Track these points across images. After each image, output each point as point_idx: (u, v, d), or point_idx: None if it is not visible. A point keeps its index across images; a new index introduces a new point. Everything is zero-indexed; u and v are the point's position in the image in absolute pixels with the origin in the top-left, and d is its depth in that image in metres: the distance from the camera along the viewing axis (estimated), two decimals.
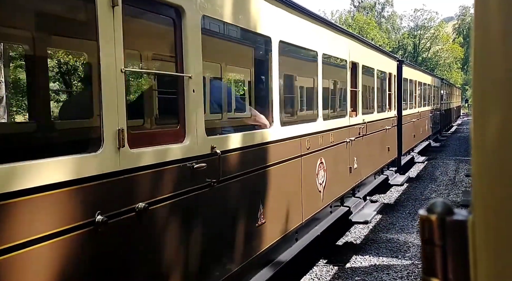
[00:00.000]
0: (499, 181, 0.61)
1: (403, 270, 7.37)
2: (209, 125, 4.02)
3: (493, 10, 0.62)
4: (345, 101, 8.26)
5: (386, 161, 11.81)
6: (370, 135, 9.50)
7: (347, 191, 8.16)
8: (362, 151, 8.84)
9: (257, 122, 4.97)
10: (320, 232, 6.58)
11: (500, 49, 0.61)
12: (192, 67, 3.46)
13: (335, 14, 78.82)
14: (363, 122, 8.89)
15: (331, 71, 8.03)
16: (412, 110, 16.51)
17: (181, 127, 3.46)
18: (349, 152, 8.02)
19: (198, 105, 3.56)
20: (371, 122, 9.67)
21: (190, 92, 3.44)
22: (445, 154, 22.07)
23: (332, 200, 7.16)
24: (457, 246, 0.68)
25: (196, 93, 3.50)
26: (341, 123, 7.72)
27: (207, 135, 3.67)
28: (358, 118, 8.73)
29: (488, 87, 0.63)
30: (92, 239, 2.59)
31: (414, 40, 77.30)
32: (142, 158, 3.00)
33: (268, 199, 4.89)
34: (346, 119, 8.03)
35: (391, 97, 12.67)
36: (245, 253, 4.42)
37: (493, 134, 0.62)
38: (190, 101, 3.44)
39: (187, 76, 3.44)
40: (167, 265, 3.32)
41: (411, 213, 10.74)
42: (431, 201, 0.73)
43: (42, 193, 2.30)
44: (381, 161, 11.17)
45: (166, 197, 3.23)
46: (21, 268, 2.23)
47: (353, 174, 8.26)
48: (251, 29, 4.69)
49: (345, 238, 8.99)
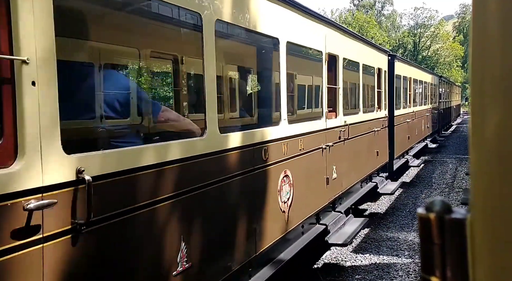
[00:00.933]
0: (498, 179, 0.61)
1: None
2: None
3: (491, 8, 0.62)
4: (320, 100, 6.92)
5: (374, 167, 10.48)
6: (353, 139, 8.21)
7: (324, 206, 6.86)
8: (343, 158, 7.64)
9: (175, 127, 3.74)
10: (285, 261, 5.35)
11: (498, 46, 0.61)
12: None
13: (335, 13, 78.11)
14: (344, 124, 7.66)
15: (300, 64, 6.88)
16: (406, 110, 15.13)
17: None
18: (326, 160, 6.80)
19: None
20: (355, 124, 8.37)
21: None
22: (443, 155, 21.19)
23: (301, 221, 5.89)
24: (456, 245, 0.68)
25: None
26: (314, 126, 6.44)
27: None
28: (338, 120, 7.49)
29: (486, 85, 0.63)
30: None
31: (414, 39, 76.84)
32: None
33: (197, 234, 3.66)
34: (322, 121, 6.74)
35: (381, 95, 11.23)
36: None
37: (491, 132, 0.62)
38: None
39: None
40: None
41: (403, 226, 10.53)
42: (429, 200, 0.73)
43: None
44: (368, 167, 9.86)
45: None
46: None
47: (331, 186, 7.00)
48: None
49: None
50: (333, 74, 7.46)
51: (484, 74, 0.63)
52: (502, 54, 0.61)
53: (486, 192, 0.63)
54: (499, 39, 0.61)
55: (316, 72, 7.09)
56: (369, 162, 9.88)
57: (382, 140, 11.18)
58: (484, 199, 0.63)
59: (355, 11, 74.38)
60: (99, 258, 2.72)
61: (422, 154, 19.65)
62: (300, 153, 5.75)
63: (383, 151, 11.32)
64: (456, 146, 24.52)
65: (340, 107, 7.63)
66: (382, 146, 11.09)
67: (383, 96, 11.43)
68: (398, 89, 13.67)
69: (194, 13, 3.66)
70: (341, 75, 7.65)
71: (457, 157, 20.28)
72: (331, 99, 7.33)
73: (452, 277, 0.69)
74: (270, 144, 4.91)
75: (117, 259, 2.88)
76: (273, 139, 4.99)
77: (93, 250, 2.64)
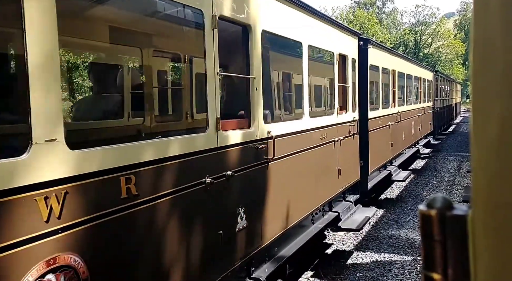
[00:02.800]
0: (499, 175, 0.61)
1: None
2: None
3: (492, 4, 0.62)
4: (199, 101, 5.39)
5: (334, 191, 7.47)
6: (287, 158, 5.51)
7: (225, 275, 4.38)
8: (260, 194, 5.01)
9: None
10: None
11: (499, 42, 0.61)
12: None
13: (336, 11, 78.03)
14: (266, 137, 4.95)
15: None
16: (388, 110, 12.20)
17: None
18: (233, 200, 4.48)
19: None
20: (286, 136, 5.49)
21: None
22: (439, 161, 18.28)
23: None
24: (457, 241, 0.68)
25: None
26: (188, 146, 3.77)
27: None
28: (252, 131, 4.73)
29: (487, 82, 0.63)
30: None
31: (415, 36, 76.79)
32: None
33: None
34: (205, 136, 3.99)
35: (347, 92, 8.20)
36: None
37: (493, 129, 0.62)
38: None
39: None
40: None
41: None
42: (430, 196, 0.72)
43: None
44: (322, 194, 6.91)
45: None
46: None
47: (242, 240, 4.59)
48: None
49: None
50: (230, 54, 4.96)
51: (485, 71, 0.63)
52: (503, 51, 0.61)
53: (487, 189, 0.63)
54: (500, 35, 0.61)
55: (188, 47, 5.77)
56: (323, 187, 6.93)
57: (349, 152, 8.24)
58: (485, 196, 0.63)
59: (356, 9, 74.31)
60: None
61: (413, 160, 17.24)
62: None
63: (351, 166, 8.39)
64: (455, 148, 22.16)
65: (258, 111, 4.83)
66: (348, 160, 8.16)
67: (351, 94, 8.36)
68: (374, 85, 10.88)
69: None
70: (256, 57, 4.79)
71: (457, 158, 18.56)
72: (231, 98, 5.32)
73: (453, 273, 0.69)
74: None
75: None
76: None
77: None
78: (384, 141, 11.49)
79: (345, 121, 8.02)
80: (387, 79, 12.29)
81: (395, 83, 13.10)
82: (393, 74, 12.93)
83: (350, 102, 8.29)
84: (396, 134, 12.94)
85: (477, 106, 0.65)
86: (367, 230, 9.26)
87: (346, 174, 7.94)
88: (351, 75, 8.36)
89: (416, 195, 12.34)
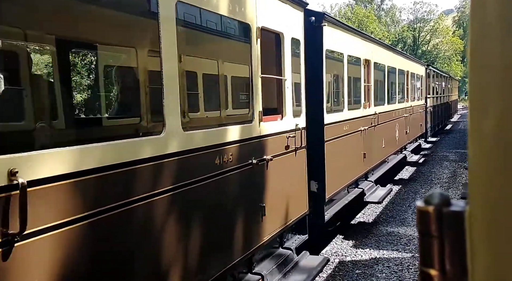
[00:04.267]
0: (496, 172, 0.61)
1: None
2: None
3: (490, 1, 0.62)
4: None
5: (256, 242, 5.04)
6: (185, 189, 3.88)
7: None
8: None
9: None
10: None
11: (497, 39, 0.61)
12: None
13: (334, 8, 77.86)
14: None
15: None
16: (359, 112, 9.46)
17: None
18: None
19: None
20: (184, 157, 3.83)
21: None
22: (431, 167, 15.96)
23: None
24: (454, 237, 0.68)
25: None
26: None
27: None
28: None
29: (485, 79, 0.63)
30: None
31: (413, 33, 76.69)
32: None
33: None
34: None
35: (283, 88, 5.76)
36: None
37: (490, 126, 0.62)
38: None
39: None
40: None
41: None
42: (428, 193, 0.72)
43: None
44: (228, 254, 4.60)
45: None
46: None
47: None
48: None
49: None
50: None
51: (483, 67, 0.63)
52: (501, 48, 0.61)
53: (484, 185, 0.63)
54: (498, 32, 0.61)
55: None
56: (245, 231, 4.85)
57: (286, 176, 5.83)
58: (483, 192, 0.63)
59: (354, 6, 74.22)
60: None
61: (401, 168, 14.99)
62: None
63: (291, 196, 5.95)
64: (450, 150, 20.05)
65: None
66: (283, 190, 5.74)
67: (289, 90, 5.91)
68: (336, 78, 8.56)
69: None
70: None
71: (451, 164, 16.51)
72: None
73: (451, 269, 0.69)
74: None
75: None
76: None
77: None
78: (352, 153, 8.92)
79: (283, 131, 5.70)
80: (357, 72, 9.60)
81: (370, 77, 10.32)
82: (367, 65, 10.20)
83: (288, 103, 5.86)
84: (372, 141, 10.20)
85: (475, 103, 0.64)
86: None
87: (277, 212, 5.56)
88: (292, 63, 5.93)
89: (402, 217, 9.87)
